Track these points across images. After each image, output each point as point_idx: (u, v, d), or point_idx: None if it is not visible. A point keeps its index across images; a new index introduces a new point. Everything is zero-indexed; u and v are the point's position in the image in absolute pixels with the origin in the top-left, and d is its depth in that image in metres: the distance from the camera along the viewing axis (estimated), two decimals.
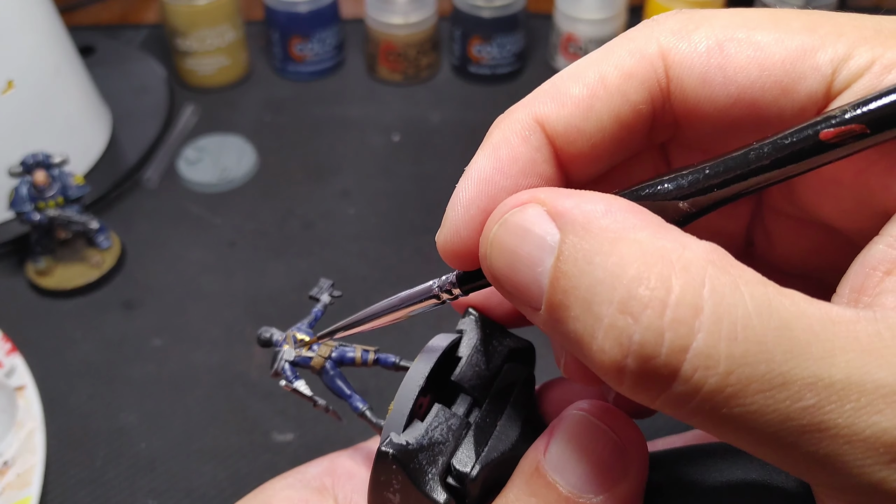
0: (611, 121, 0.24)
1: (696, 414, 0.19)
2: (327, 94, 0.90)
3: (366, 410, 0.34)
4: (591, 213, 0.21)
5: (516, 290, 0.22)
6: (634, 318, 0.19)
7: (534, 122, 0.25)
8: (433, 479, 0.27)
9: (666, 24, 0.24)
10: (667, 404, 0.20)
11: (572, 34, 0.88)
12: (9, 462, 0.55)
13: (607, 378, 0.20)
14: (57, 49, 0.75)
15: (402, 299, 0.29)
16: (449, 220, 0.25)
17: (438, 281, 0.27)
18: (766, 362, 0.18)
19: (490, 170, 0.25)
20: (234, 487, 0.56)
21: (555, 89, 0.25)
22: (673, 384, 0.19)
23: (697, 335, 0.19)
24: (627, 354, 0.19)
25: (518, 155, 0.25)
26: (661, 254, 0.20)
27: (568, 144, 0.25)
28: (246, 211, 0.77)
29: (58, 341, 0.66)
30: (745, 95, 0.23)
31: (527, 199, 0.23)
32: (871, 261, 0.21)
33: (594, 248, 0.20)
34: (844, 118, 0.20)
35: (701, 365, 0.19)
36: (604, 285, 0.20)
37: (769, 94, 0.23)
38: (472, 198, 0.25)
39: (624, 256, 0.20)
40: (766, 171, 0.21)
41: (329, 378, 0.35)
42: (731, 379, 0.19)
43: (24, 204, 0.65)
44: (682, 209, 0.23)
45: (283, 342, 0.35)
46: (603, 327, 0.20)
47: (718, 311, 0.19)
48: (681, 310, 0.19)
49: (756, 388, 0.18)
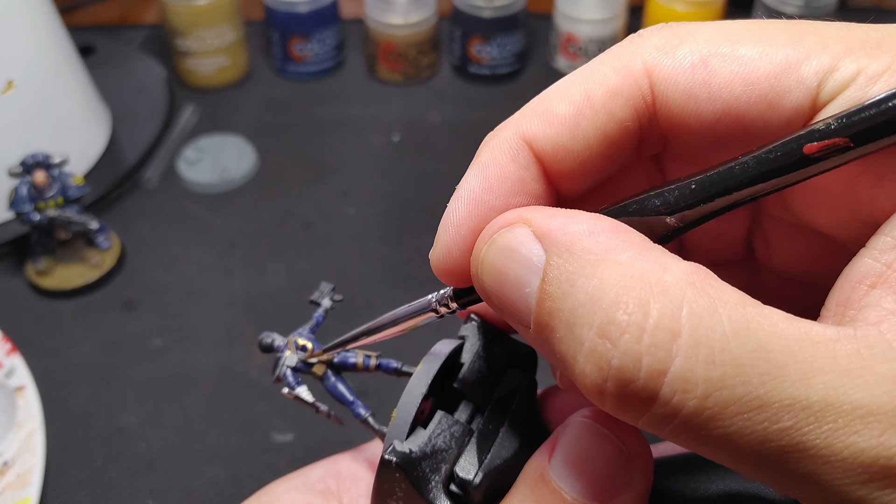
0: (597, 138, 0.25)
1: (678, 434, 0.20)
2: (327, 95, 0.90)
3: (368, 417, 0.34)
4: (575, 235, 0.21)
5: (507, 308, 0.23)
6: (613, 342, 0.20)
7: (521, 141, 0.25)
8: (436, 486, 0.27)
9: (651, 40, 0.24)
10: (648, 425, 0.20)
11: (572, 34, 0.88)
12: (9, 462, 0.55)
13: (591, 398, 0.21)
14: (57, 49, 0.75)
15: (401, 314, 0.29)
16: (441, 240, 0.26)
17: (436, 295, 0.28)
18: (743, 385, 0.19)
19: (480, 189, 0.25)
20: (234, 488, 0.56)
21: (541, 107, 0.25)
22: (652, 407, 0.19)
23: (675, 359, 0.19)
24: (607, 378, 0.20)
25: (507, 174, 0.25)
26: (641, 276, 0.20)
27: (556, 163, 0.25)
28: (246, 211, 0.77)
29: (58, 341, 0.66)
30: (731, 110, 0.23)
31: (514, 219, 0.23)
32: (856, 274, 0.21)
33: (577, 271, 0.21)
34: (828, 131, 0.20)
35: (679, 388, 0.19)
36: (585, 309, 0.20)
37: (755, 108, 0.23)
38: (462, 218, 0.25)
39: (605, 279, 0.20)
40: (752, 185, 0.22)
41: (331, 384, 0.35)
42: (709, 402, 0.19)
43: (23, 204, 0.65)
44: (669, 224, 0.23)
45: (284, 348, 0.36)
46: (584, 351, 0.20)
47: (696, 334, 0.19)
48: (658, 334, 0.19)
49: (734, 410, 0.19)
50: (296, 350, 0.35)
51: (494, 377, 0.30)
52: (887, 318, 0.20)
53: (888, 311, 0.20)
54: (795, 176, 0.21)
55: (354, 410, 0.34)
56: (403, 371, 0.35)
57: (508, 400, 0.29)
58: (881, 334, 0.19)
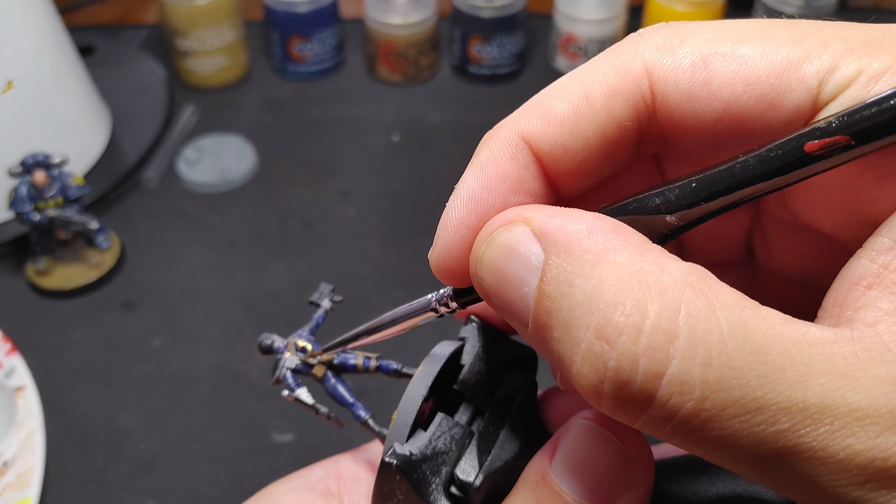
0: (596, 138, 0.24)
1: (675, 436, 0.20)
2: (327, 94, 0.90)
3: (368, 419, 0.34)
4: (574, 234, 0.21)
5: (506, 307, 0.23)
6: (610, 344, 0.19)
7: (520, 140, 0.25)
8: (437, 489, 0.27)
9: (651, 39, 0.24)
10: (645, 426, 0.20)
11: (572, 34, 0.88)
12: (8, 462, 0.55)
13: (588, 399, 0.21)
14: (57, 49, 0.75)
15: (401, 313, 0.29)
16: (440, 240, 0.26)
17: (436, 294, 0.28)
18: (740, 387, 0.19)
19: (479, 189, 0.25)
20: (233, 488, 0.56)
21: (540, 106, 0.25)
22: (649, 408, 0.19)
23: (672, 361, 0.19)
24: (604, 380, 0.20)
25: (506, 173, 0.25)
26: (639, 277, 0.20)
27: (555, 162, 0.25)
28: (246, 211, 0.77)
29: (58, 341, 0.66)
30: (731, 110, 0.23)
31: (513, 217, 0.23)
32: (853, 275, 0.21)
33: (575, 271, 0.21)
34: (829, 129, 0.20)
35: (676, 391, 0.19)
36: (582, 309, 0.20)
37: (755, 108, 0.23)
38: (461, 217, 0.25)
39: (603, 280, 0.20)
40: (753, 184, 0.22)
41: (331, 385, 0.35)
42: (706, 404, 0.19)
43: (23, 204, 0.65)
44: (669, 223, 0.23)
45: (284, 349, 0.35)
46: (581, 352, 0.20)
47: (693, 337, 0.19)
48: (656, 336, 0.19)
49: (731, 412, 0.19)
50: (295, 351, 0.35)
51: (495, 379, 0.29)
52: (883, 320, 0.20)
53: (884, 311, 0.20)
54: (797, 175, 0.21)
55: (355, 412, 0.34)
56: (404, 372, 0.34)
57: (509, 402, 0.29)
58: (878, 336, 0.19)
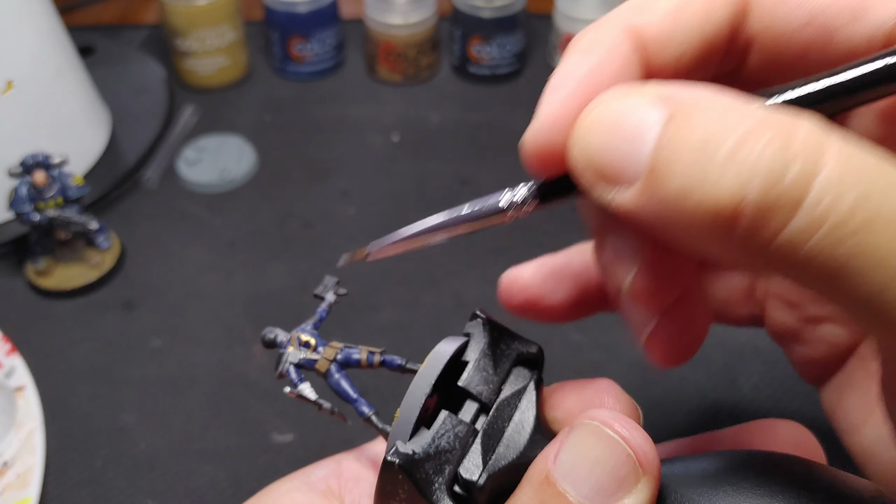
0: (696, 34, 0.25)
1: (815, 257, 0.19)
2: (327, 95, 0.90)
3: (371, 415, 0.33)
4: (701, 94, 0.21)
5: (610, 166, 0.22)
6: (758, 153, 0.19)
7: (624, 32, 0.25)
8: (440, 488, 0.27)
9: None
10: (780, 248, 0.19)
11: (572, 34, 0.88)
12: (8, 462, 0.55)
13: (715, 226, 0.19)
14: (57, 49, 0.75)
15: (465, 217, 0.27)
16: (542, 114, 0.24)
17: (509, 193, 0.26)
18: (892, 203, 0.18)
19: (585, 71, 0.24)
20: (233, 488, 0.56)
21: (643, 2, 0.26)
22: (794, 217, 0.18)
23: (825, 167, 0.18)
24: (749, 183, 0.19)
25: (611, 59, 0.25)
26: (777, 118, 0.19)
27: (658, 52, 0.25)
28: (246, 211, 0.77)
29: (58, 341, 0.66)
30: (818, 19, 0.24)
31: (629, 88, 0.22)
32: None
33: (705, 115, 0.20)
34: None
35: (831, 192, 0.18)
36: (720, 132, 0.19)
37: (839, 18, 0.24)
38: (569, 92, 0.24)
39: (740, 116, 0.19)
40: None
41: (334, 381, 0.34)
42: (857, 211, 0.18)
43: (23, 204, 0.65)
44: None
45: (287, 344, 0.35)
46: (719, 164, 0.19)
47: (845, 150, 0.18)
48: (809, 142, 0.18)
49: (882, 226, 0.18)
50: (299, 346, 0.35)
51: (500, 376, 0.29)
52: None
53: None
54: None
55: (358, 408, 0.34)
56: (408, 368, 0.34)
57: (514, 400, 0.29)
58: None
